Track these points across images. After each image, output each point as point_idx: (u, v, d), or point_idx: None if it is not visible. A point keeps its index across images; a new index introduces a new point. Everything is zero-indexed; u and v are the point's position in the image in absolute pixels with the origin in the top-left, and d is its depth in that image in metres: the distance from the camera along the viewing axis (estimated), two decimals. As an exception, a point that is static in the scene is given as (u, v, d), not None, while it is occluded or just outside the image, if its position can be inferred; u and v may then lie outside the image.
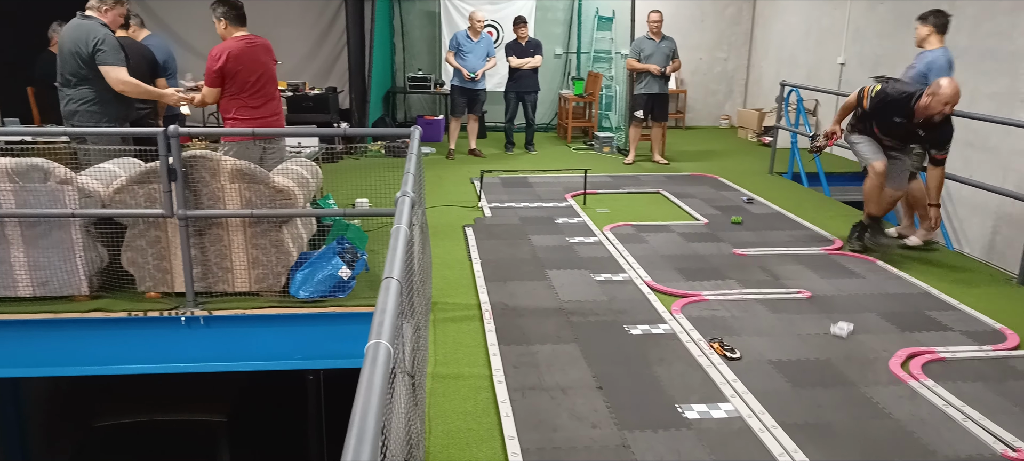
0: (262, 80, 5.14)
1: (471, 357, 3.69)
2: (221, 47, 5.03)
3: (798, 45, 10.64)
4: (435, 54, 11.07)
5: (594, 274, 4.93)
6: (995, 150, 6.90)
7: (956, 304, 4.54)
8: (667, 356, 3.74)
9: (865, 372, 3.60)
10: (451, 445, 2.92)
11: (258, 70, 5.10)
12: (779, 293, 4.64)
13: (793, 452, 2.90)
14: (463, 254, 5.33)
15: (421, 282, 3.43)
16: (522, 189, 7.42)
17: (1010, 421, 3.16)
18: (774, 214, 6.65)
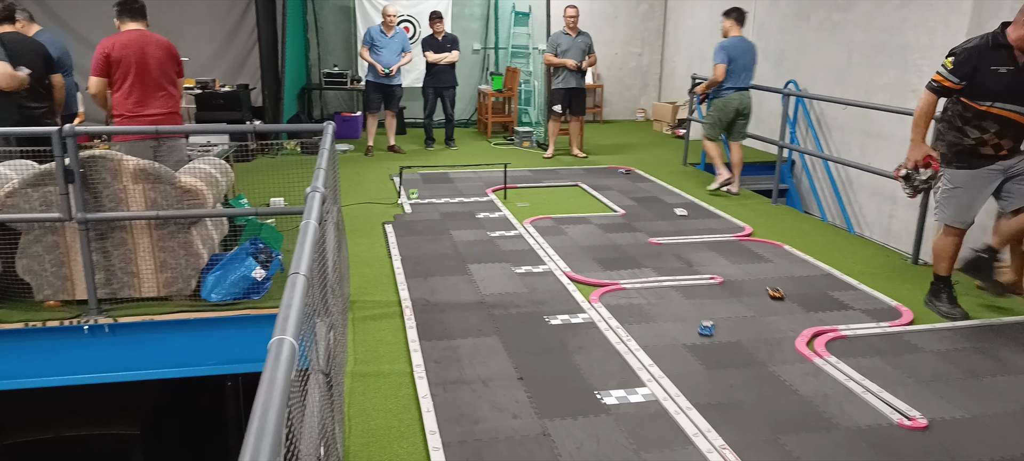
0: (152, 75, 5.03)
1: (391, 354, 3.66)
2: (110, 37, 4.97)
3: (707, 40, 10.96)
4: (351, 49, 10.89)
5: (515, 267, 4.97)
6: (889, 138, 7.29)
7: (856, 284, 4.78)
8: (586, 344, 3.80)
9: (773, 352, 3.76)
10: (372, 443, 2.89)
11: (147, 63, 4.99)
12: (693, 279, 4.79)
13: (706, 431, 3.00)
14: (383, 251, 5.28)
15: (337, 280, 3.38)
16: (443, 185, 7.39)
17: (905, 392, 3.36)
18: (688, 203, 6.85)
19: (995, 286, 4.35)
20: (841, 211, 8.06)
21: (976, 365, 3.66)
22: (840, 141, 8.17)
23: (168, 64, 5.11)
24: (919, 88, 6.96)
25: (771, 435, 2.99)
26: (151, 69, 5.00)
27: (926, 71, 6.86)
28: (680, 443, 2.93)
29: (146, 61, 4.97)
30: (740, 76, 7.10)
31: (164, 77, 5.10)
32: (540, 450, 2.86)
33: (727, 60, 6.99)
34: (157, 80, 5.05)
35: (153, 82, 5.02)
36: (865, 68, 7.64)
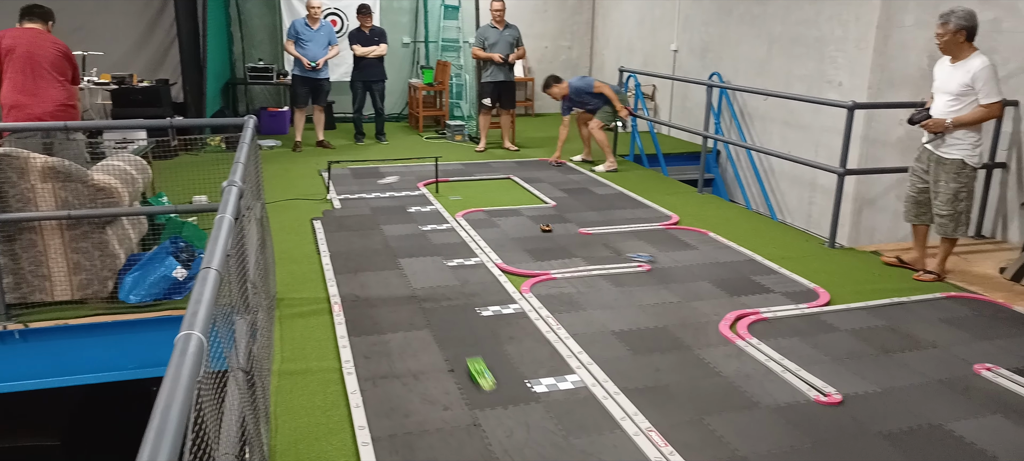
0: (43, 68, 5.03)
1: (320, 351, 3.60)
2: (4, 30, 5.05)
3: (634, 33, 11.16)
4: (277, 43, 10.65)
5: (446, 260, 4.96)
6: (808, 128, 7.58)
7: (777, 268, 4.96)
8: (517, 334, 3.83)
9: (698, 336, 3.86)
10: (299, 441, 2.85)
11: (38, 56, 4.99)
12: (621, 268, 4.87)
13: (634, 415, 3.06)
14: (311, 248, 5.19)
15: (261, 277, 3.31)
16: (373, 180, 7.31)
17: (821, 370, 3.50)
18: (617, 194, 6.96)
19: None
20: (764, 199, 8.34)
21: (887, 341, 3.85)
22: (762, 131, 8.44)
23: (60, 62, 5.15)
24: (834, 79, 7.28)
25: (696, 416, 3.07)
26: (41, 62, 5.01)
27: (841, 62, 7.17)
28: (608, 427, 2.98)
29: (37, 54, 4.99)
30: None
31: (56, 70, 5.09)
32: (470, 440, 2.87)
33: None
34: (48, 74, 5.04)
35: (44, 75, 5.01)
36: (784, 59, 7.90)
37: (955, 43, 4.41)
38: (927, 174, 4.71)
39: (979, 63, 4.35)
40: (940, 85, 4.56)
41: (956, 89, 4.43)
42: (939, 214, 4.65)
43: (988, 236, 5.87)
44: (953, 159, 4.53)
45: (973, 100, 4.40)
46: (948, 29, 4.39)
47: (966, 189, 4.56)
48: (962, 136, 4.49)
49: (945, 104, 4.51)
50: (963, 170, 4.53)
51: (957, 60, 4.45)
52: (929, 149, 4.67)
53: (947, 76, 4.51)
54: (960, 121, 4.44)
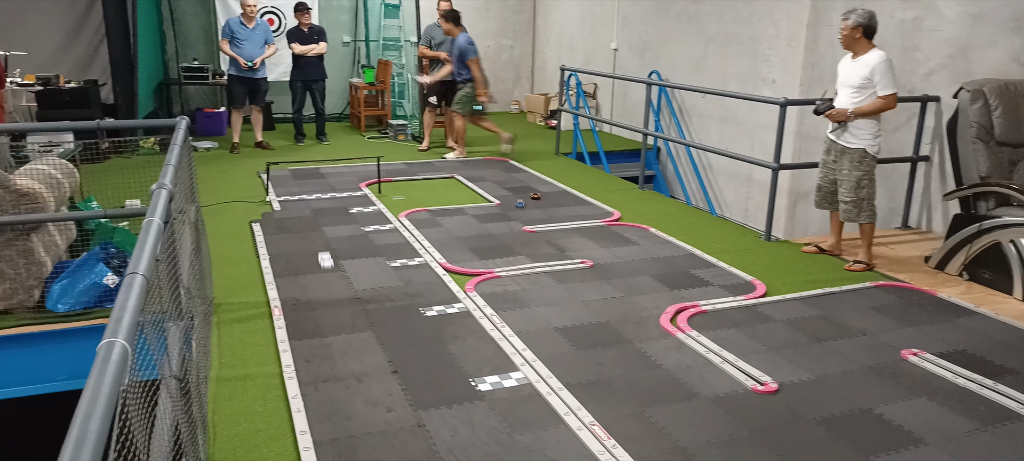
0: None
1: (259, 356, 3.53)
2: None
3: (575, 32, 11.26)
4: (212, 42, 10.39)
5: (390, 261, 4.92)
6: (743, 124, 7.77)
7: (715, 262, 5.07)
8: (461, 333, 3.83)
9: (639, 330, 3.92)
10: (238, 448, 2.79)
11: None
12: (564, 265, 4.91)
13: (577, 410, 3.09)
14: (250, 251, 5.08)
15: (196, 282, 3.23)
16: (314, 180, 7.20)
17: (758, 359, 3.59)
18: (560, 192, 7.02)
19: None
20: (703, 194, 8.51)
21: (820, 330, 3.97)
22: (700, 127, 8.61)
23: None
24: (768, 76, 7.48)
25: (637, 409, 3.12)
26: None
27: (774, 60, 7.37)
28: (552, 423, 3.00)
29: None
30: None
31: None
32: (415, 441, 2.85)
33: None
34: None
35: None
36: (720, 58, 8.08)
37: (854, 39, 4.73)
38: (835, 164, 4.96)
39: (877, 57, 4.67)
40: (843, 79, 4.87)
41: (857, 82, 4.73)
42: (843, 201, 4.94)
43: (914, 227, 6.12)
44: (855, 148, 4.83)
45: (872, 92, 4.71)
46: (848, 25, 4.72)
47: (867, 177, 4.85)
48: (863, 126, 4.79)
49: (847, 96, 4.80)
50: (865, 159, 4.82)
51: (857, 56, 4.77)
52: (833, 139, 4.97)
53: (848, 70, 4.82)
54: (860, 111, 4.74)
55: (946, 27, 5.66)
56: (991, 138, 4.93)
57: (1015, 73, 5.19)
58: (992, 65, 5.35)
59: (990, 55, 5.38)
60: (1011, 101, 4.92)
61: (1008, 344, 3.85)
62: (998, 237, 4.66)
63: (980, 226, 4.77)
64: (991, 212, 4.80)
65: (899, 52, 5.85)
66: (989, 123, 4.91)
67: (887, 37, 5.72)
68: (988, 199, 4.87)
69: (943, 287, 4.69)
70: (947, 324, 4.10)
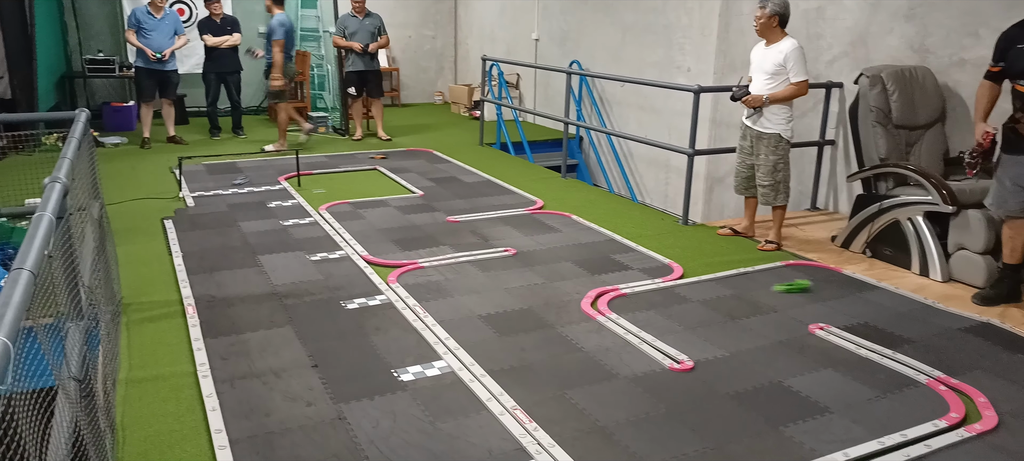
0: None
1: (172, 355, 3.42)
2: None
3: (497, 22, 11.27)
4: (119, 33, 9.92)
5: (309, 255, 4.83)
6: (660, 112, 7.94)
7: (635, 246, 5.18)
8: (383, 325, 3.79)
9: (561, 314, 3.98)
10: (150, 450, 2.69)
11: None
12: (488, 253, 4.93)
13: (499, 395, 3.11)
14: (162, 249, 4.90)
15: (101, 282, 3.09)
16: (231, 175, 6.99)
17: (675, 339, 3.69)
18: (484, 182, 7.03)
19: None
20: (625, 182, 8.67)
21: (734, 309, 4.12)
22: (620, 116, 8.77)
23: None
24: (683, 65, 7.66)
25: (558, 391, 3.17)
26: None
27: (688, 49, 7.55)
28: (474, 409, 3.02)
29: None
30: (291, 48, 7.95)
31: None
32: (335, 434, 2.82)
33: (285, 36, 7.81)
34: None
35: None
36: (637, 47, 8.24)
37: (769, 27, 4.91)
38: (751, 149, 5.13)
39: (790, 45, 4.88)
40: (757, 65, 5.05)
41: (770, 69, 4.92)
42: (761, 185, 5.13)
43: (822, 208, 6.40)
44: (771, 133, 5.03)
45: (785, 79, 4.91)
46: (764, 13, 4.91)
47: (783, 160, 5.07)
48: (777, 112, 4.99)
49: (762, 83, 4.99)
50: (780, 143, 5.03)
51: (771, 43, 4.96)
52: (748, 125, 5.16)
53: (762, 57, 5.00)
54: (774, 97, 4.93)
55: (846, 16, 5.93)
56: (889, 121, 5.19)
57: (909, 59, 5.48)
58: (889, 52, 5.64)
59: (887, 42, 5.66)
60: (906, 86, 5.19)
61: (906, 315, 4.08)
62: (897, 215, 4.92)
63: (880, 205, 5.03)
64: (890, 192, 5.06)
65: (805, 40, 6.09)
66: (887, 107, 5.18)
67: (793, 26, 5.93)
68: (887, 180, 5.14)
69: (848, 264, 4.92)
70: (851, 299, 4.31)
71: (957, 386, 3.28)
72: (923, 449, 2.80)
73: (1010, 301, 4.30)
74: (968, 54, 5.14)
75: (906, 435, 2.89)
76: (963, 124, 5.20)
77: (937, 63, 5.34)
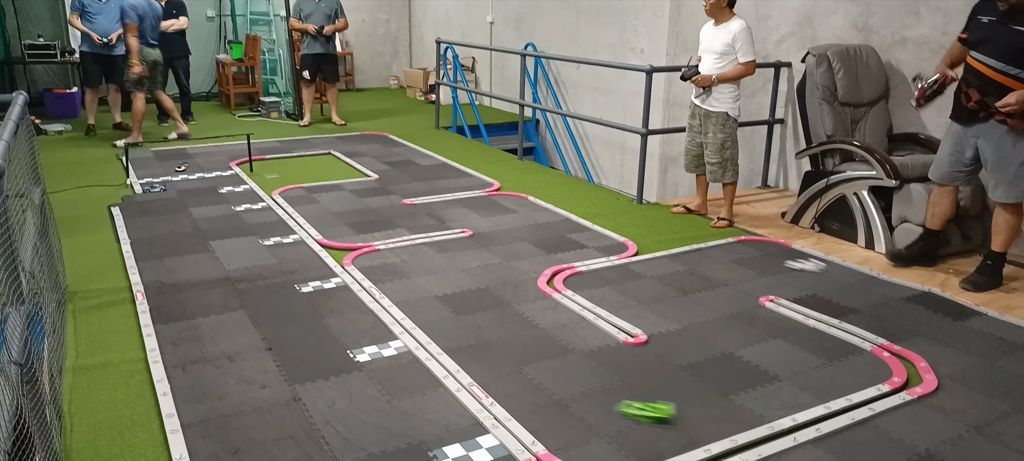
0: None
1: (121, 342, 3.35)
2: None
3: (452, 6, 11.20)
4: (60, 17, 9.62)
5: (263, 239, 4.76)
6: (615, 93, 8.01)
7: (591, 226, 5.22)
8: (339, 307, 3.77)
9: (517, 293, 4.00)
10: (99, 438, 2.64)
11: None
12: (445, 235, 4.92)
13: (456, 372, 3.13)
14: (110, 236, 4.78)
15: (43, 267, 3.01)
16: (180, 161, 6.84)
17: (629, 314, 3.75)
18: (441, 164, 7.00)
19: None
20: (581, 163, 8.73)
21: (687, 283, 4.19)
22: (575, 98, 8.81)
23: None
24: (637, 46, 7.73)
25: (515, 367, 3.19)
26: None
27: (641, 30, 7.61)
28: (431, 387, 3.02)
29: None
30: (148, 34, 7.39)
31: None
32: (290, 415, 2.80)
33: (138, 19, 7.21)
34: None
35: None
36: (591, 29, 8.28)
37: (719, 7, 4.98)
38: (700, 128, 5.23)
39: (738, 26, 4.94)
40: (706, 46, 5.12)
41: (719, 49, 4.99)
42: (709, 163, 5.22)
43: (772, 186, 6.53)
44: (719, 112, 5.11)
45: (733, 58, 4.98)
46: None
47: (731, 138, 5.15)
48: (725, 91, 5.07)
49: (711, 62, 5.06)
50: (727, 122, 5.12)
51: (720, 23, 5.03)
52: (697, 104, 5.24)
53: (711, 37, 5.07)
54: (723, 77, 5.01)
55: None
56: (835, 99, 5.31)
57: (854, 38, 5.61)
58: (834, 31, 5.77)
59: (832, 22, 5.79)
60: (851, 64, 5.32)
61: (852, 287, 4.20)
62: (843, 190, 5.05)
63: (827, 181, 5.16)
64: (837, 168, 5.19)
65: (753, 20, 6.19)
66: (833, 85, 5.30)
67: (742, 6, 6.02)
68: (834, 156, 5.27)
69: (797, 239, 5.04)
70: (800, 272, 4.41)
71: (900, 352, 3.40)
72: (867, 412, 2.90)
73: (923, 264, 4.48)
74: (909, 33, 5.29)
75: (851, 399, 2.98)
76: (905, 102, 5.35)
77: (880, 42, 5.48)
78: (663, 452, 2.61)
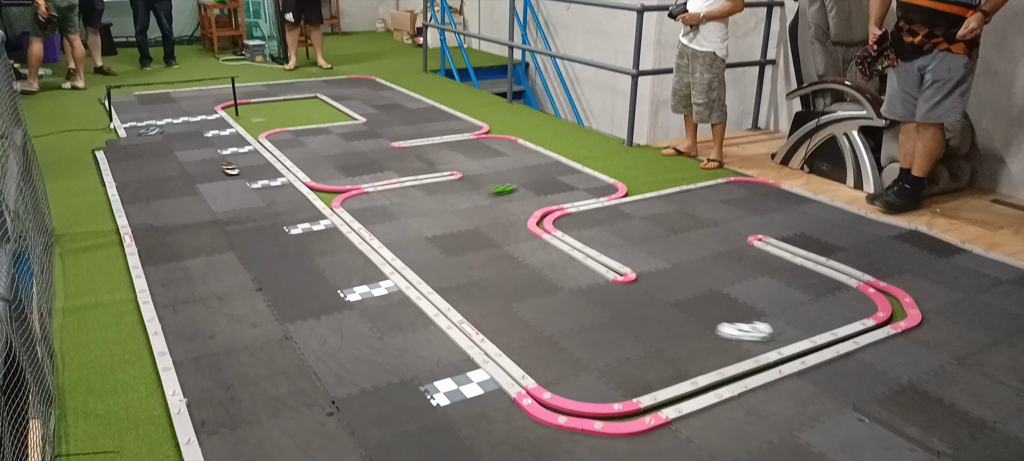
0: None
1: (110, 283, 3.34)
2: None
3: (440, -55, 10.95)
4: (35, -42, 9.33)
5: (250, 182, 4.73)
6: (606, 34, 7.90)
7: (580, 168, 5.21)
8: (329, 248, 3.77)
9: (507, 234, 4.00)
10: (91, 375, 2.65)
11: None
12: (434, 177, 4.90)
13: (446, 310, 3.14)
14: (95, 180, 4.73)
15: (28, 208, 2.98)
16: (164, 105, 6.74)
17: (618, 253, 3.76)
18: (429, 108, 6.93)
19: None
20: (571, 107, 8.66)
21: (676, 223, 4.20)
22: (566, 40, 8.69)
23: None
24: (626, -16, 7.56)
25: (505, 305, 3.21)
26: None
27: (632, -31, 7.43)
28: (422, 324, 3.04)
29: None
30: None
31: None
32: (282, 353, 2.81)
33: None
34: None
35: None
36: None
37: None
38: (687, 68, 5.20)
39: None
40: None
41: None
42: (696, 103, 5.21)
43: (763, 128, 6.52)
44: (706, 52, 5.08)
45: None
46: None
47: (718, 79, 5.13)
48: (713, 30, 5.04)
49: (699, 1, 4.99)
50: (715, 61, 5.09)
51: None
52: (685, 43, 5.21)
53: None
54: (711, 15, 4.97)
55: (788, -67, 5.93)
56: (827, 38, 5.27)
57: (848, -23, 5.53)
58: (828, -31, 5.67)
59: (826, -40, 5.69)
60: (843, 3, 5.26)
61: (840, 225, 4.23)
62: (833, 131, 5.04)
63: (818, 122, 5.14)
64: (828, 108, 5.17)
65: (747, -41, 6.09)
66: (825, 24, 5.25)
67: (735, -56, 5.94)
68: (825, 96, 5.24)
69: (787, 180, 5.05)
70: (789, 211, 4.43)
71: (885, 288, 3.43)
72: (851, 346, 2.94)
73: (911, 208, 4.52)
74: (903, -30, 5.21)
75: (836, 334, 3.02)
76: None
77: (874, -20, 5.40)
78: (651, 384, 2.65)
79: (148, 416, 2.44)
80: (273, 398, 2.54)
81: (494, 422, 2.44)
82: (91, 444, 2.30)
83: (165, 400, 2.51)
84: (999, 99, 4.87)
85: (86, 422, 2.40)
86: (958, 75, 4.14)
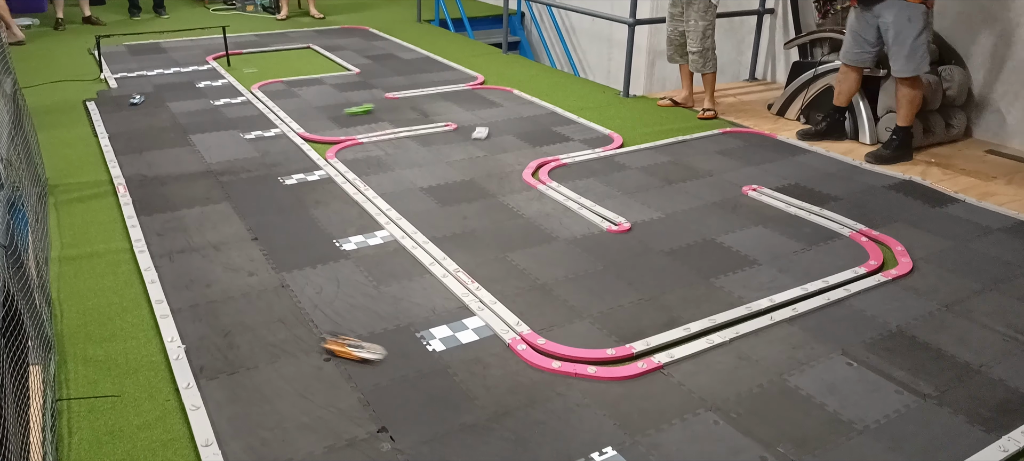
0: None
1: (105, 233, 3.34)
2: None
3: None
4: (19, -96, 9.11)
5: (244, 133, 4.70)
6: (603, -17, 7.78)
7: (576, 118, 5.19)
8: (323, 199, 3.77)
9: (502, 184, 4.00)
10: (89, 323, 2.67)
11: None
12: (429, 128, 4.88)
13: (442, 259, 3.16)
14: (87, 131, 4.70)
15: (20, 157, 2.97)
16: (154, 56, 6.67)
17: (613, 203, 3.77)
18: (423, 58, 6.87)
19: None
20: (567, 58, 8.59)
21: (670, 173, 4.21)
22: (562, -11, 8.55)
23: None
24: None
25: (500, 254, 3.23)
26: None
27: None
28: (417, 273, 3.06)
29: None
30: None
31: None
32: (279, 300, 2.83)
33: None
34: None
35: None
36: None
37: None
38: (681, 16, 5.16)
39: None
40: None
41: None
42: (691, 51, 5.19)
43: (760, 78, 6.48)
44: None
45: None
46: None
47: (711, 26, 5.11)
48: None
49: None
50: (709, 9, 5.07)
51: None
52: None
53: None
54: None
55: None
56: (825, -13, 5.21)
57: (848, -77, 5.45)
58: (828, -84, 5.58)
59: (826, -94, 5.59)
60: (843, -50, 5.19)
61: (834, 175, 4.24)
62: (830, 81, 5.02)
63: (815, 71, 5.11)
64: (825, 58, 5.14)
65: (746, -95, 6.00)
66: (824, -28, 5.18)
67: None
68: (823, 45, 5.21)
69: (782, 130, 5.04)
70: (784, 162, 4.44)
71: (877, 237, 3.46)
72: (842, 293, 2.98)
73: (830, 138, 4.70)
74: (904, -84, 5.13)
75: (828, 281, 3.05)
76: (896, -11, 5.24)
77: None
78: (644, 330, 2.68)
79: (147, 362, 2.47)
80: (271, 344, 2.56)
81: (489, 367, 2.48)
82: (92, 388, 2.33)
83: (164, 346, 2.54)
84: (998, 49, 4.85)
85: (86, 367, 2.43)
86: (919, 24, 4.17)
